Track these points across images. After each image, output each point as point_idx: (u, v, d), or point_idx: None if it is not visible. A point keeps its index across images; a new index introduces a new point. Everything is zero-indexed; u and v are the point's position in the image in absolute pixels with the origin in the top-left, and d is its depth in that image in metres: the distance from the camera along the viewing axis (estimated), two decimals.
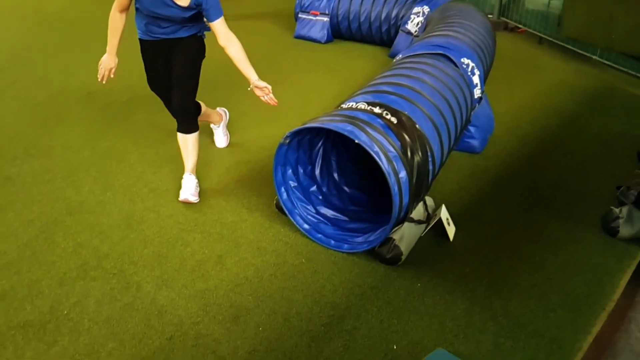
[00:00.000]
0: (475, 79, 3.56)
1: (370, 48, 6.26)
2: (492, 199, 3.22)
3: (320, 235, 2.74)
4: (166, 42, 2.89)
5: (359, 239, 2.66)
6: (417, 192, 2.54)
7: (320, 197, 2.96)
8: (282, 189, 2.83)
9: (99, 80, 2.90)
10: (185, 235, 2.82)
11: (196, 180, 3.16)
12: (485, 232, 2.88)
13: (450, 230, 2.74)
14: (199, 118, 3.23)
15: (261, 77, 2.86)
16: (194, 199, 3.05)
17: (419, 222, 2.62)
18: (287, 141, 2.65)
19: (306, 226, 2.79)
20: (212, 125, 3.75)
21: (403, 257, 2.53)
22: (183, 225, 2.91)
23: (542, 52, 6.34)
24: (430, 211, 2.74)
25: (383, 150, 2.37)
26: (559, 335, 2.19)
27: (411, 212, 2.57)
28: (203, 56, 3.06)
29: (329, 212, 2.91)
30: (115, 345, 2.09)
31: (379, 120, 2.53)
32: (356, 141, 2.35)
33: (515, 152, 3.80)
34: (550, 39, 6.34)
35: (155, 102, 3.35)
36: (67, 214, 2.99)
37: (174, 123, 3.09)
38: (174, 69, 2.92)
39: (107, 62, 2.88)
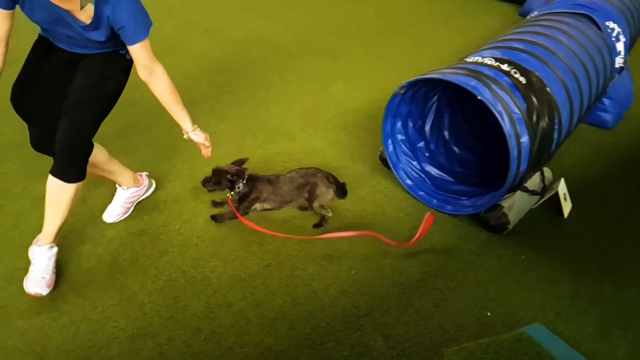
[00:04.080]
0: (619, 46, 3.16)
1: (498, 4, 5.82)
2: (618, 179, 2.91)
3: (422, 193, 2.67)
4: (71, 54, 1.99)
5: (465, 202, 2.55)
6: (537, 161, 2.35)
7: (427, 154, 2.86)
8: (389, 141, 2.77)
9: None
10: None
11: (54, 256, 2.08)
12: (605, 214, 2.63)
13: (566, 207, 2.54)
14: (94, 170, 2.25)
15: (373, 24, 2.71)
16: (45, 291, 2.02)
17: (532, 192, 2.44)
18: (403, 91, 2.56)
19: (409, 182, 2.73)
20: (118, 186, 2.49)
21: (510, 227, 2.39)
22: (287, 163, 2.97)
23: None
24: (546, 183, 2.55)
25: (507, 110, 2.20)
26: None
27: (526, 181, 2.40)
28: (122, 83, 2.06)
29: (434, 171, 2.81)
30: (218, 263, 2.23)
31: (506, 78, 2.34)
32: (479, 97, 2.20)
33: None
34: None
35: None
36: (183, 140, 3.17)
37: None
38: (71, 87, 1.95)
39: None
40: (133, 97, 3.61)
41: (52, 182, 1.97)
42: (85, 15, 1.74)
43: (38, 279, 2.00)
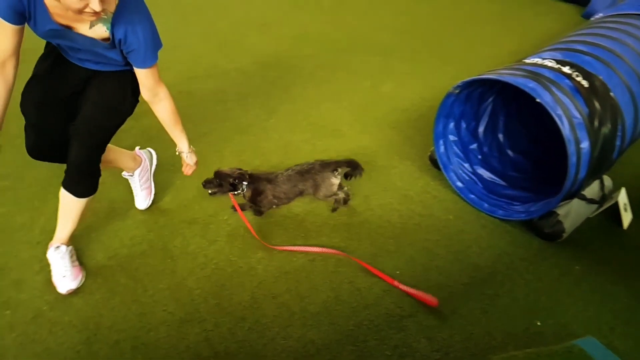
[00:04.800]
0: None
1: (559, 4, 5.60)
2: None
3: (473, 196, 2.61)
4: (86, 70, 1.98)
5: (518, 208, 2.47)
6: (597, 168, 2.25)
7: (480, 157, 2.80)
8: (440, 142, 2.73)
9: None
10: None
11: (72, 252, 2.16)
12: None
13: (626, 217, 2.41)
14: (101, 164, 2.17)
15: (428, 23, 2.66)
16: (74, 284, 2.07)
17: (590, 200, 2.34)
18: (457, 91, 2.51)
19: (459, 184, 2.68)
20: (124, 173, 2.53)
21: (564, 235, 2.30)
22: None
23: None
24: (606, 192, 2.43)
25: (567, 114, 2.12)
26: None
27: (584, 189, 2.30)
28: (133, 105, 2.06)
29: (486, 174, 2.74)
30: (264, 255, 2.26)
31: (567, 81, 2.25)
32: (537, 100, 2.13)
33: None
34: None
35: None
36: (235, 133, 3.24)
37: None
38: (84, 107, 1.95)
39: None
40: (188, 89, 3.75)
41: (64, 195, 2.03)
42: (94, 33, 1.74)
43: (60, 278, 2.07)
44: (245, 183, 2.36)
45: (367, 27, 5.18)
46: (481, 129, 2.82)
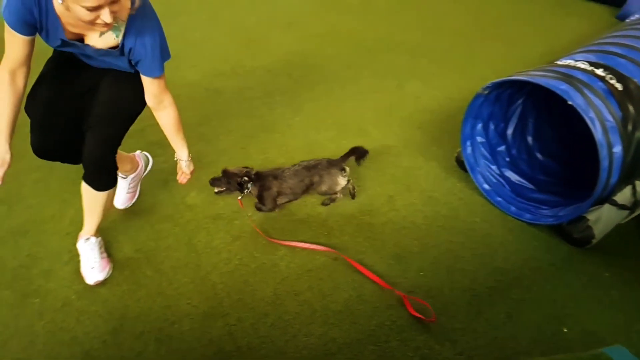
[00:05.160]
0: None
1: (591, 5, 5.47)
2: None
3: (500, 199, 2.57)
4: (94, 69, 1.98)
5: (546, 212, 2.42)
6: (630, 173, 2.19)
7: (508, 159, 2.75)
8: (468, 143, 2.69)
9: None
10: (359, 170, 2.87)
11: (100, 243, 2.21)
12: None
13: None
14: None
15: (456, 23, 2.63)
16: (102, 275, 2.12)
17: (622, 207, 2.27)
18: (486, 92, 2.47)
19: (486, 186, 2.64)
20: (119, 174, 2.41)
21: (594, 241, 2.25)
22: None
23: None
24: (638, 198, 2.36)
25: (600, 117, 2.07)
26: None
27: (616, 194, 2.24)
28: (145, 102, 2.01)
29: (514, 177, 2.70)
30: (287, 252, 2.27)
31: (600, 83, 2.20)
32: (569, 102, 2.08)
33: None
34: None
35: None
36: (260, 130, 3.26)
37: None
38: (97, 102, 1.94)
39: None
40: (215, 87, 3.79)
41: (86, 188, 2.05)
42: (104, 43, 1.74)
43: (88, 269, 2.11)
44: (250, 183, 2.38)
45: (394, 26, 5.15)
46: (510, 131, 2.78)
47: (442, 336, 1.89)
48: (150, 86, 1.88)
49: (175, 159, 2.17)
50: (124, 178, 2.46)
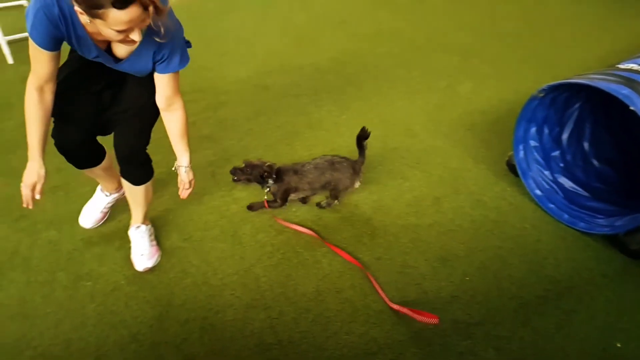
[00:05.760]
0: None
1: None
2: None
3: (552, 206, 2.48)
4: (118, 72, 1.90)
5: (601, 221, 2.31)
6: None
7: (562, 165, 2.64)
8: (520, 147, 2.60)
9: (24, 206, 1.77)
10: (405, 170, 2.85)
11: (150, 231, 2.29)
12: None
13: None
14: (90, 172, 2.18)
15: (511, 23, 2.54)
16: (150, 263, 2.18)
17: None
18: (542, 95, 2.38)
19: (538, 192, 2.55)
20: (100, 190, 2.43)
21: None
22: (406, 159, 2.93)
23: None
24: None
25: None
26: None
27: None
28: None
29: (567, 183, 2.59)
30: (329, 249, 2.26)
31: None
32: (631, 108, 1.98)
33: None
34: None
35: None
36: (306, 127, 3.28)
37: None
38: (125, 95, 1.97)
39: (29, 176, 1.76)
40: (265, 83, 3.84)
41: (125, 182, 2.09)
42: (124, 50, 1.74)
43: (138, 256, 2.18)
44: (271, 181, 2.38)
45: (446, 26, 5.06)
46: (565, 136, 2.67)
47: (487, 343, 1.84)
48: (165, 87, 1.85)
49: (173, 168, 2.05)
50: (107, 196, 2.43)
